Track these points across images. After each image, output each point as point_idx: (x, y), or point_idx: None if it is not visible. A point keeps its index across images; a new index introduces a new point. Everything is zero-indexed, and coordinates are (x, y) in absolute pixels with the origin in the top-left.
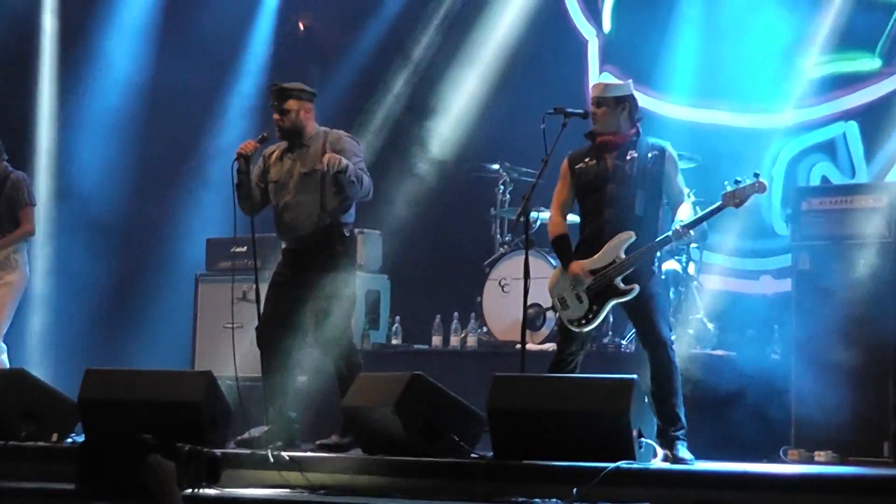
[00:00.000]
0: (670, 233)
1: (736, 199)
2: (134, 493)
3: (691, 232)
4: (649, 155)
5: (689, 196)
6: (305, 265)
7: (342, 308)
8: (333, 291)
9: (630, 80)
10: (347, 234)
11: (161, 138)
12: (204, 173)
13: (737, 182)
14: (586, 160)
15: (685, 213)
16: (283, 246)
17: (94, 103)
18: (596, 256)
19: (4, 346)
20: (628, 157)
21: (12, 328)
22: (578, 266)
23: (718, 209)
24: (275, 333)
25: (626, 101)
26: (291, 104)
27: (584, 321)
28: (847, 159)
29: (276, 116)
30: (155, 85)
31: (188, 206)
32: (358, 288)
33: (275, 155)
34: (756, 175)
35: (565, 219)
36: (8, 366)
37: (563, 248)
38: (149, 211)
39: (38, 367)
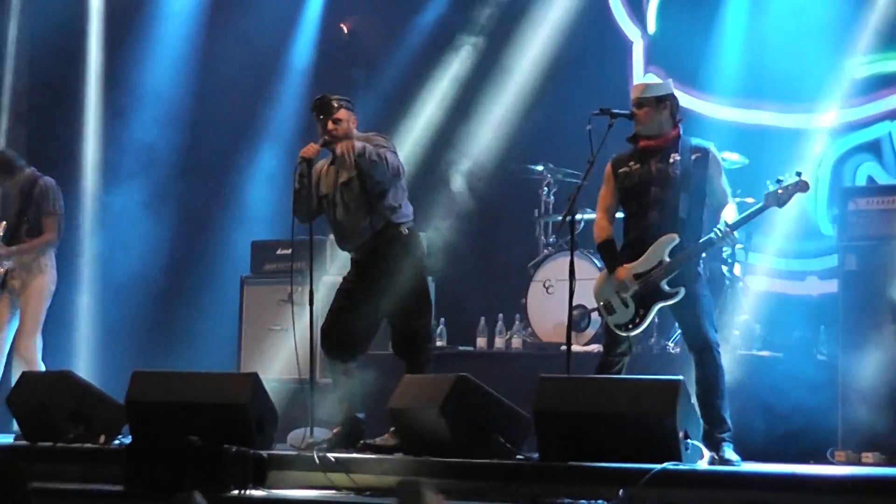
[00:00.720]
0: (713, 235)
1: (779, 198)
2: (180, 494)
3: (735, 233)
4: (692, 157)
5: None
6: (371, 272)
7: (416, 307)
8: (403, 293)
9: (670, 80)
10: (406, 233)
11: (206, 142)
12: (248, 176)
13: (779, 181)
14: (630, 164)
15: (730, 215)
16: (350, 256)
17: (141, 109)
18: (640, 260)
19: (41, 345)
20: (671, 160)
21: (59, 331)
22: (624, 270)
23: (761, 210)
24: (340, 337)
25: (668, 101)
26: (342, 114)
27: (630, 325)
28: (893, 159)
29: (330, 126)
30: (199, 91)
31: (233, 209)
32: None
33: (323, 168)
34: (798, 174)
35: (611, 223)
36: (43, 366)
37: (609, 253)
38: (194, 215)
39: (86, 370)
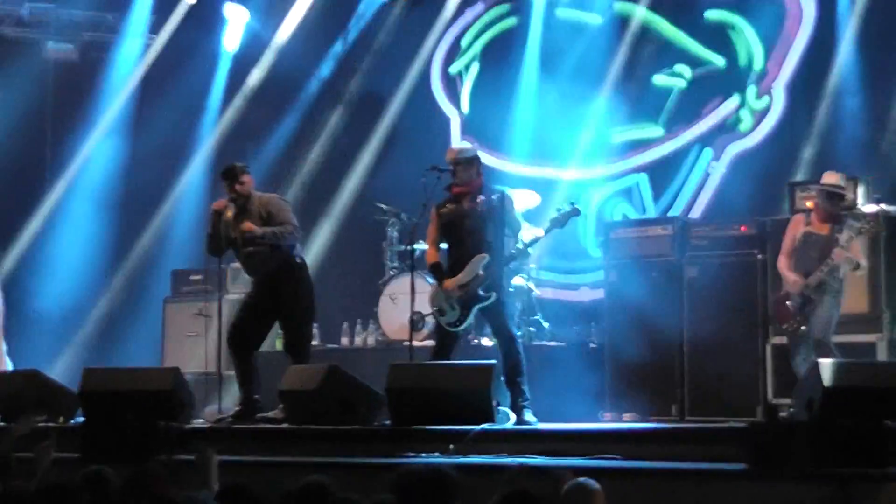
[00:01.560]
0: (514, 251)
1: (559, 221)
2: (124, 458)
3: (530, 250)
4: (493, 197)
5: (525, 227)
6: (274, 291)
7: (306, 318)
8: (299, 307)
9: (475, 145)
10: (300, 262)
11: (140, 196)
12: (170, 221)
13: (559, 210)
14: (448, 205)
15: (526, 236)
16: (254, 279)
17: (84, 178)
18: (461, 275)
19: (5, 347)
20: (478, 200)
21: (23, 340)
22: (451, 283)
23: (548, 230)
24: (242, 338)
25: (474, 160)
26: (246, 178)
27: (457, 323)
28: (640, 201)
29: (237, 187)
30: (132, 158)
31: (158, 244)
32: None
33: (229, 216)
34: (572, 203)
35: (437, 250)
36: (10, 363)
37: (438, 272)
38: (127, 249)
39: (49, 369)
